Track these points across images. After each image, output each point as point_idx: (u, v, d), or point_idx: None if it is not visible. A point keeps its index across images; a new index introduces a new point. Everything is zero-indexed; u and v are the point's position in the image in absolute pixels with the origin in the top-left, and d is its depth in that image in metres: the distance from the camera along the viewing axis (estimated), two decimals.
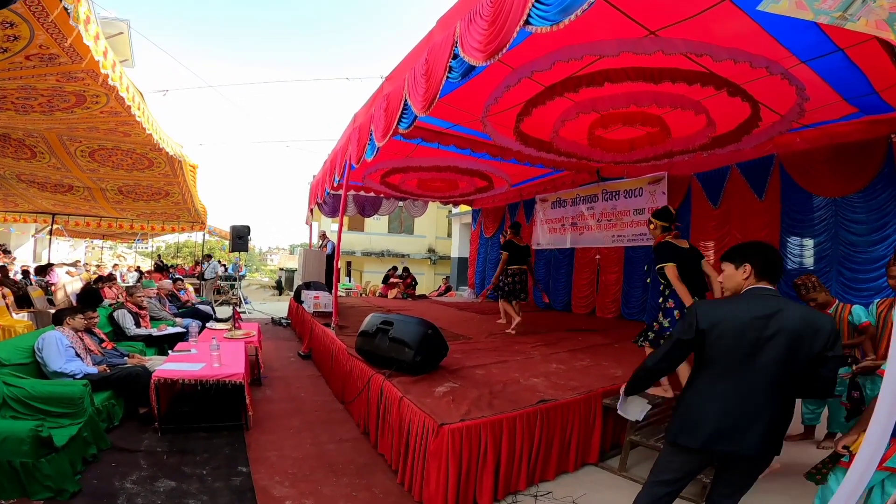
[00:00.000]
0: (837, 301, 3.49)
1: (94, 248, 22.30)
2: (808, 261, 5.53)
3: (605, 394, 3.42)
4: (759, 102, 4.29)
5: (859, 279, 4.97)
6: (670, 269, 3.60)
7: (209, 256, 13.09)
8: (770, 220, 5.83)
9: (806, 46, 3.33)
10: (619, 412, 2.24)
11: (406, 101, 3.48)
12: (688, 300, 3.51)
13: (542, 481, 3.03)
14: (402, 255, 21.58)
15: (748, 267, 1.91)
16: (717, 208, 6.47)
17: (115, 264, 17.90)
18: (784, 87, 3.84)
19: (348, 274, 22.52)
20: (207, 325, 6.12)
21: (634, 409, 2.20)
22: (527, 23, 2.24)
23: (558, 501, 2.80)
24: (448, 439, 2.62)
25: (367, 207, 10.87)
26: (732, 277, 1.96)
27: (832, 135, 5.06)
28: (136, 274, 14.94)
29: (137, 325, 5.56)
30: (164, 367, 3.79)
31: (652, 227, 3.94)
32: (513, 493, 2.88)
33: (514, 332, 5.83)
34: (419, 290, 13.37)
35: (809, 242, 5.52)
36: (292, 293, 10.27)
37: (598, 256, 8.44)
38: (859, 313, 3.31)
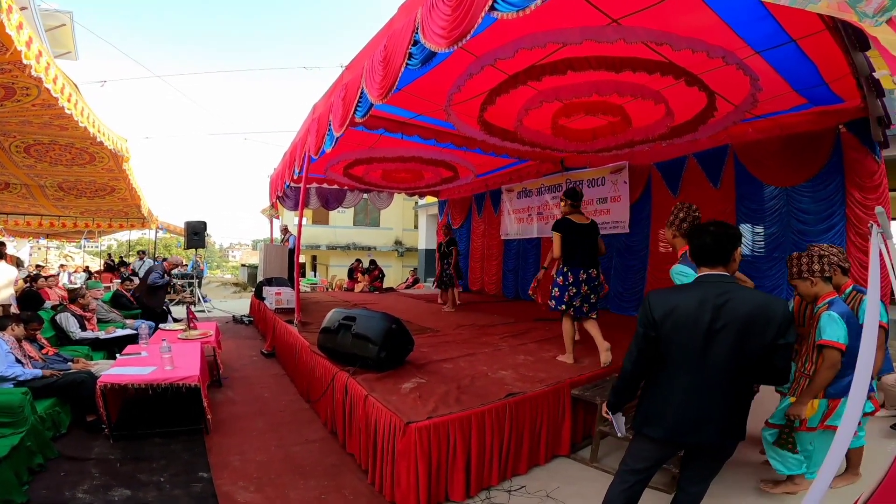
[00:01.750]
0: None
1: (39, 248, 21.02)
2: (761, 248, 5.73)
3: (573, 384, 3.44)
4: (714, 92, 4.38)
5: None
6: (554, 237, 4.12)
7: (143, 252, 12.47)
8: (725, 208, 6.00)
9: (761, 37, 3.40)
10: (618, 434, 2.23)
11: (363, 89, 3.36)
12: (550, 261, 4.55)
13: (515, 475, 3.02)
14: (369, 248, 21.33)
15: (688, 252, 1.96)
16: (677, 197, 6.61)
17: (62, 265, 16.90)
18: (739, 77, 3.93)
19: (314, 268, 22.10)
20: (161, 325, 5.84)
21: (622, 424, 2.18)
22: (492, 8, 2.17)
23: (532, 496, 2.79)
24: (416, 438, 2.56)
25: (331, 200, 10.63)
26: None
27: (783, 125, 5.22)
28: (84, 275, 14.18)
29: (83, 328, 5.25)
30: (111, 371, 3.63)
31: (562, 204, 4.32)
32: (486, 488, 2.85)
33: (453, 310, 7.36)
34: (387, 283, 13.23)
35: (762, 230, 5.71)
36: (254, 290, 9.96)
37: None
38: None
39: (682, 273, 2.57)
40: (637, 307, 4.54)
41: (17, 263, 7.94)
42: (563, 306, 4.06)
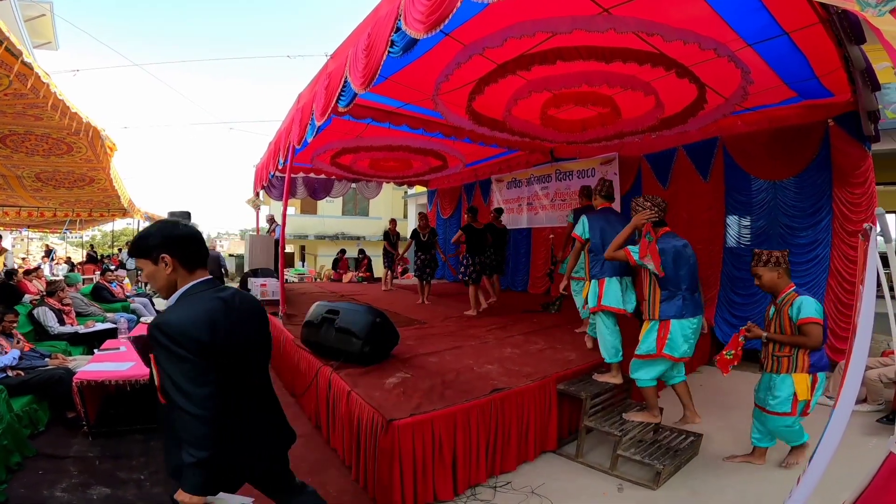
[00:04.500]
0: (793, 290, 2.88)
1: (21, 240, 20.60)
2: (748, 240, 5.72)
3: (559, 379, 3.41)
4: (705, 85, 4.33)
5: (794, 262, 5.17)
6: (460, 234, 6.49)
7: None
8: (714, 201, 5.99)
9: (753, 29, 3.35)
10: None
11: (346, 78, 3.26)
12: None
13: (504, 472, 2.99)
14: (358, 238, 21.19)
15: (169, 259, 1.52)
16: (667, 189, 6.58)
17: (44, 256, 16.59)
18: (730, 69, 3.89)
19: (302, 258, 21.93)
20: (142, 319, 5.73)
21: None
22: None
23: (517, 492, 2.77)
24: (398, 436, 2.52)
25: (318, 190, 10.49)
26: (156, 275, 1.55)
27: (772, 118, 5.20)
28: (66, 266, 13.91)
29: (61, 322, 5.14)
30: (88, 367, 3.60)
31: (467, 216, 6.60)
32: (473, 486, 2.82)
33: (427, 302, 7.32)
34: (376, 273, 13.12)
35: (750, 223, 5.71)
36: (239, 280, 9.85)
37: (551, 236, 8.50)
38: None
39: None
40: None
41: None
42: (467, 278, 6.28)
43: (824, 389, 4.07)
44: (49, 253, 13.98)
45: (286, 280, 8.89)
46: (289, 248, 21.82)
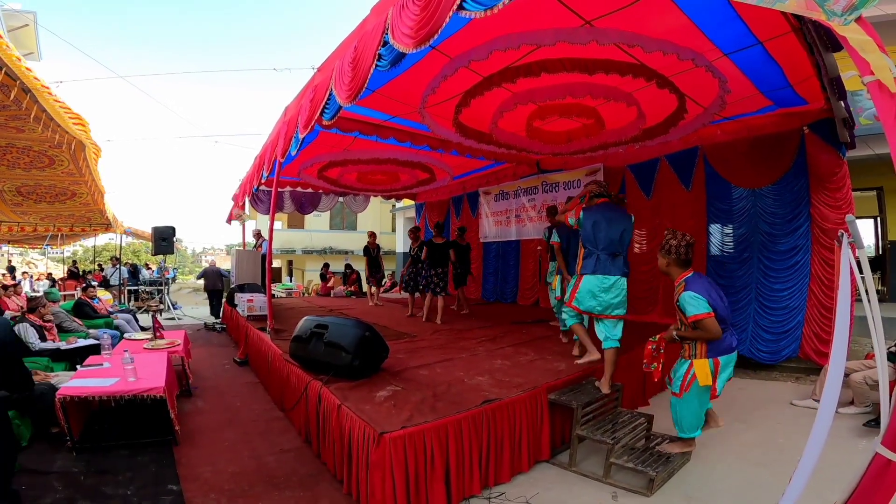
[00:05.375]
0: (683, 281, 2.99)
1: (1, 255, 20.16)
2: (730, 248, 5.82)
3: (550, 389, 3.41)
4: (684, 95, 4.44)
5: (776, 269, 5.29)
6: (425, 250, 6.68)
7: (117, 259, 12.13)
8: (697, 210, 6.09)
9: (729, 39, 3.45)
10: None
11: (331, 91, 3.28)
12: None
13: (498, 483, 2.96)
14: (346, 252, 21.09)
15: None
16: (650, 199, 6.69)
17: (24, 272, 16.24)
18: (707, 79, 3.99)
19: (290, 273, 21.75)
20: (126, 335, 5.61)
21: None
22: (461, 7, 2.11)
23: (512, 502, 2.74)
24: (390, 448, 2.49)
25: (306, 204, 10.44)
26: None
27: (750, 127, 5.32)
28: (47, 282, 13.62)
29: (43, 338, 5.00)
30: (71, 383, 3.50)
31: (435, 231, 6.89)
32: (467, 497, 2.79)
33: (415, 315, 7.29)
34: (364, 287, 13.05)
35: (732, 231, 5.81)
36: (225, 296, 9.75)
37: (539, 248, 8.55)
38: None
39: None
40: None
41: None
42: (421, 288, 6.78)
43: (807, 390, 4.16)
44: (12, 271, 13.54)
45: (273, 295, 8.81)
46: (276, 263, 21.63)
